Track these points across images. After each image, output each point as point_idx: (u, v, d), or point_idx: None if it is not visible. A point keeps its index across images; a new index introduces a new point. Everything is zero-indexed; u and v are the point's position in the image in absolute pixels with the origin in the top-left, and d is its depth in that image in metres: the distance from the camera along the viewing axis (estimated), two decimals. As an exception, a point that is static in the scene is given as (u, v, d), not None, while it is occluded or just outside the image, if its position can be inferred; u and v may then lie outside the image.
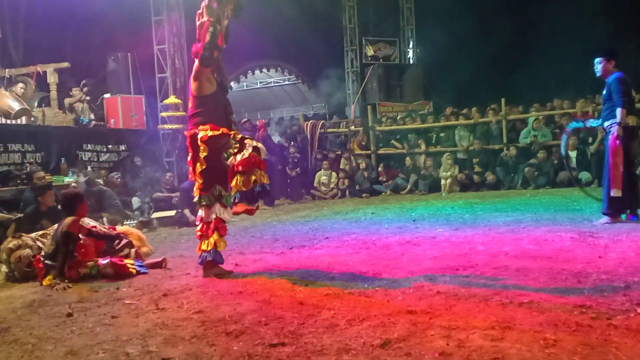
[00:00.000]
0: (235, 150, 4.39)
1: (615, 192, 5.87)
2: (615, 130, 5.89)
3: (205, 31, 4.39)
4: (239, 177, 4.36)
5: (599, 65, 6.08)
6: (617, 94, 5.86)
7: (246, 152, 4.35)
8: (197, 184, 4.62)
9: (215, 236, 4.55)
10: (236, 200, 4.41)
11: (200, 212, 4.67)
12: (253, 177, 4.35)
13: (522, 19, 16.85)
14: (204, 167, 4.50)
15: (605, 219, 6.01)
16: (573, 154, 10.39)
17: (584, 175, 10.14)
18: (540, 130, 11.32)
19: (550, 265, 4.18)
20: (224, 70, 4.77)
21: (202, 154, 4.45)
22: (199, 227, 4.68)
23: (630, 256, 4.32)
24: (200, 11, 4.51)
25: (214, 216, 4.57)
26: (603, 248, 4.69)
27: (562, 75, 15.09)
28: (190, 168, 4.68)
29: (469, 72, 16.16)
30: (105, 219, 7.53)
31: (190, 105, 4.71)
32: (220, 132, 4.46)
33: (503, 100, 11.89)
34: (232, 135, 4.48)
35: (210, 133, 4.44)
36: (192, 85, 4.60)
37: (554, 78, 15.02)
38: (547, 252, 4.70)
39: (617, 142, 5.87)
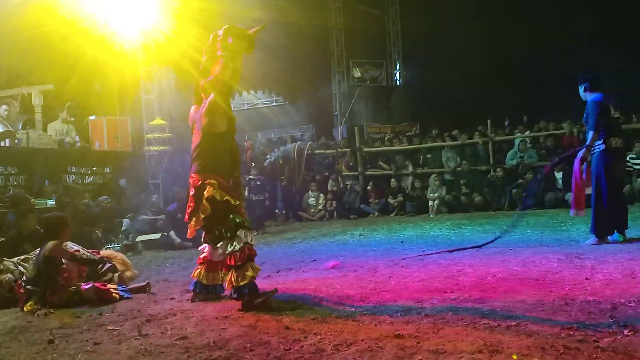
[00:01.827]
0: (229, 235, 4.20)
1: (574, 213, 6.08)
2: (581, 153, 6.00)
3: (222, 66, 4.28)
4: (233, 272, 4.15)
5: (580, 90, 6.22)
6: (591, 117, 5.95)
7: (238, 244, 4.16)
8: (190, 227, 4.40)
9: (251, 266, 4.21)
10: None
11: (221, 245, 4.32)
12: (249, 273, 4.15)
13: (508, 42, 17.10)
14: (199, 225, 4.32)
15: (592, 239, 6.03)
16: (559, 175, 10.47)
17: (569, 196, 10.18)
18: (526, 152, 11.42)
19: (538, 287, 4.17)
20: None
21: (203, 214, 4.23)
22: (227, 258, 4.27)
23: (616, 277, 4.32)
24: (210, 44, 4.42)
25: (238, 246, 4.17)
26: (590, 269, 4.69)
27: (547, 97, 15.31)
28: (188, 216, 4.38)
29: (456, 93, 16.35)
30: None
31: (196, 140, 4.41)
32: (225, 199, 4.22)
33: (489, 121, 12.00)
34: (232, 214, 4.23)
35: (217, 196, 4.19)
36: (203, 120, 4.32)
37: (539, 99, 15.22)
38: (534, 273, 4.68)
39: (583, 165, 6.00)
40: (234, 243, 4.18)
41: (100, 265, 5.41)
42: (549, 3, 15.72)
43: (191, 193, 4.31)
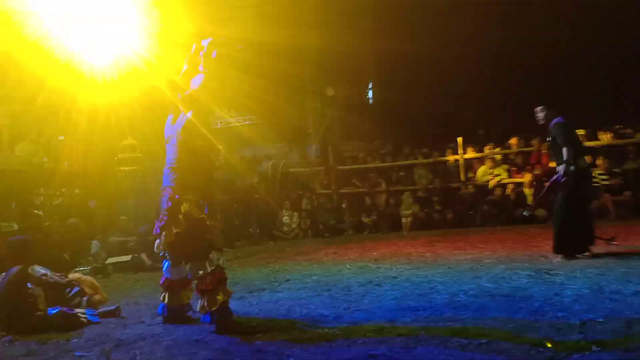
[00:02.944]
0: (199, 256, 4.12)
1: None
2: (561, 169, 6.12)
3: (201, 84, 4.23)
4: (206, 296, 4.08)
5: (540, 114, 6.45)
6: (561, 137, 6.11)
7: (209, 267, 4.10)
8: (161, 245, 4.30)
9: (222, 291, 4.14)
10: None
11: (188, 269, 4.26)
12: (220, 297, 4.08)
13: (479, 61, 17.46)
14: (170, 240, 4.20)
15: (559, 256, 6.12)
16: (529, 192, 10.65)
17: (540, 212, 10.36)
18: (497, 169, 11.60)
19: (509, 304, 4.21)
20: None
21: (177, 228, 4.14)
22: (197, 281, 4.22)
23: (585, 293, 4.39)
24: (192, 53, 4.35)
25: (209, 269, 4.11)
26: (559, 285, 4.76)
27: (518, 114, 15.63)
28: (161, 229, 4.29)
29: (428, 111, 16.56)
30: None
31: (172, 154, 4.30)
32: (201, 217, 4.15)
33: (460, 139, 12.17)
34: (206, 234, 4.16)
35: (194, 213, 4.12)
36: (179, 137, 4.24)
37: (509, 117, 15.51)
38: (505, 290, 4.74)
39: (561, 179, 6.13)
40: (205, 265, 4.12)
41: (68, 289, 5.28)
42: (517, 22, 16.10)
43: (167, 206, 4.17)
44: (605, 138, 11.08)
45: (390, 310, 4.35)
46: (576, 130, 6.45)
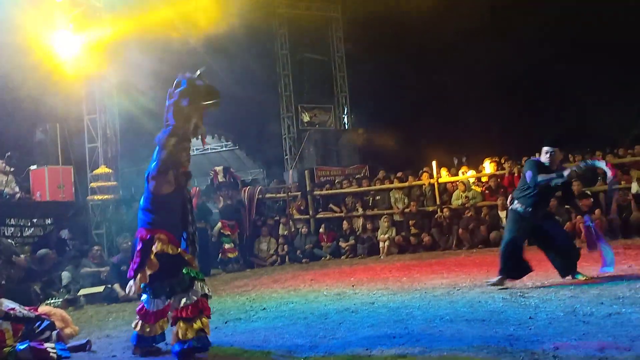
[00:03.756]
0: (182, 288, 4.09)
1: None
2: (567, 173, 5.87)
3: (167, 136, 4.12)
4: (181, 324, 4.02)
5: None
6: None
7: (193, 297, 4.07)
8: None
9: (201, 320, 4.07)
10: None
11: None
12: (197, 325, 4.02)
13: (449, 83, 17.81)
14: (144, 281, 4.15)
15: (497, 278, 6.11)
16: (503, 214, 10.75)
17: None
18: (470, 192, 11.73)
19: (484, 328, 4.22)
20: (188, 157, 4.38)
21: (149, 270, 4.09)
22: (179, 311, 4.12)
23: (559, 316, 4.43)
24: (172, 90, 4.20)
25: (194, 298, 4.07)
26: (534, 308, 4.79)
27: (489, 138, 15.94)
28: (132, 272, 4.24)
29: (402, 136, 16.76)
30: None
31: (145, 195, 4.29)
32: (177, 252, 4.13)
33: (434, 162, 12.30)
34: (185, 267, 4.13)
35: (169, 250, 4.09)
36: (150, 183, 4.20)
37: (482, 141, 15.78)
38: (480, 314, 4.75)
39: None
40: (190, 295, 4.07)
41: (38, 322, 5.14)
42: (491, 44, 16.49)
43: (138, 247, 4.16)
44: (575, 160, 11.31)
45: (367, 337, 4.32)
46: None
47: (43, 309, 5.77)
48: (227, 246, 11.40)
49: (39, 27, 11.28)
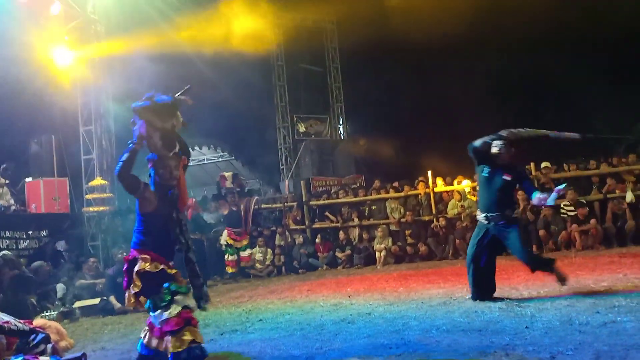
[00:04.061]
0: (164, 304, 4.07)
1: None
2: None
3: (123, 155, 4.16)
4: (170, 338, 4.01)
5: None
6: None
7: (174, 310, 4.05)
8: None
9: (190, 330, 4.07)
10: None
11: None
12: (186, 337, 4.02)
13: (448, 95, 17.90)
14: (131, 301, 4.16)
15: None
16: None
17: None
18: (466, 201, 11.75)
19: (480, 338, 4.22)
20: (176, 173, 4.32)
21: (134, 289, 4.11)
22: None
23: (555, 325, 4.43)
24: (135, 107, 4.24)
25: (175, 311, 4.05)
26: (530, 318, 4.79)
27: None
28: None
29: (398, 146, 16.82)
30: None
31: (136, 212, 4.33)
32: (160, 269, 4.12)
33: (430, 172, 12.33)
34: (167, 282, 4.12)
35: (151, 268, 4.09)
36: (138, 201, 4.25)
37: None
38: (477, 324, 4.75)
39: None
40: (170, 309, 4.06)
41: (33, 336, 5.11)
42: (487, 52, 16.62)
43: (124, 268, 4.25)
44: (570, 170, 11.37)
45: (363, 348, 4.32)
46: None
47: (38, 321, 5.75)
48: (230, 258, 11.12)
49: (35, 39, 11.33)
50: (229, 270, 11.17)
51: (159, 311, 4.11)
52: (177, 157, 4.29)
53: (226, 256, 11.17)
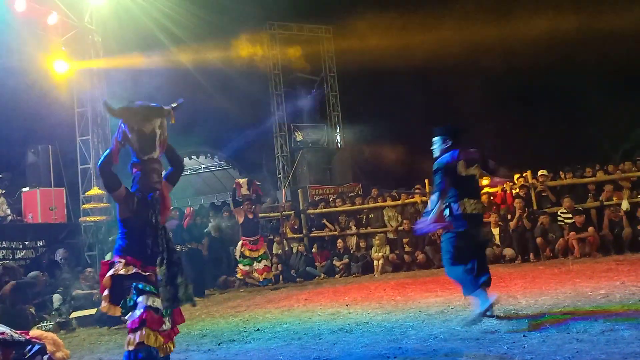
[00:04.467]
0: (131, 304, 4.00)
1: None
2: (431, 220, 5.33)
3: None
4: (128, 335, 3.97)
5: (438, 145, 5.55)
6: (435, 179, 5.38)
7: (138, 310, 3.97)
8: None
9: (144, 331, 3.94)
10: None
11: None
12: (138, 338, 3.92)
13: (444, 103, 17.97)
14: (105, 305, 4.09)
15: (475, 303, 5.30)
16: (496, 231, 10.80)
17: (508, 252, 10.50)
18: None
19: (478, 347, 4.21)
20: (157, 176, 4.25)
21: (104, 292, 4.08)
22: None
23: (552, 333, 4.43)
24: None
25: (138, 312, 3.96)
26: (527, 326, 4.79)
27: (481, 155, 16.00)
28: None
29: (394, 154, 16.85)
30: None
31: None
32: (132, 272, 4.05)
33: (427, 180, 12.34)
34: (136, 282, 4.05)
35: (121, 271, 4.05)
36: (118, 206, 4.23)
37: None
38: (474, 333, 4.74)
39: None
40: (135, 310, 4.00)
41: (29, 347, 5.06)
42: (483, 60, 16.71)
43: (100, 272, 4.27)
44: (566, 177, 11.40)
45: (361, 357, 4.31)
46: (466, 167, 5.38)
47: (34, 332, 5.70)
48: (244, 268, 10.59)
49: (32, 49, 11.37)
50: (239, 275, 10.83)
51: (129, 313, 4.04)
52: (158, 163, 4.22)
53: (240, 265, 10.72)
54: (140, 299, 4.01)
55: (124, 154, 4.20)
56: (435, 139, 5.53)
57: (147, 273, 4.14)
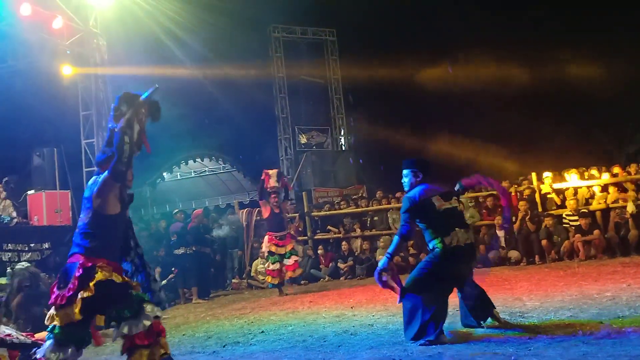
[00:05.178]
0: (132, 313, 3.77)
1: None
2: (383, 264, 4.85)
3: (119, 139, 3.75)
4: (142, 352, 3.77)
5: (408, 179, 5.16)
6: (401, 217, 4.96)
7: (147, 322, 3.77)
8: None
9: (161, 342, 3.84)
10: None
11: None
12: (161, 351, 3.81)
13: (450, 105, 17.97)
14: (77, 309, 3.67)
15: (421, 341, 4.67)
16: (501, 234, 10.76)
17: (513, 254, 10.47)
18: (468, 211, 11.72)
19: (483, 349, 4.20)
20: (130, 179, 4.06)
21: (85, 294, 3.65)
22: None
23: (558, 335, 4.41)
24: (110, 114, 3.95)
25: (148, 323, 3.76)
26: (533, 329, 4.77)
27: (486, 158, 16.03)
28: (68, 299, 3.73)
29: (399, 156, 16.83)
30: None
31: (85, 218, 3.95)
32: (122, 281, 3.81)
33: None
34: (131, 292, 3.85)
35: (115, 279, 3.76)
36: (95, 202, 3.87)
37: (478, 161, 15.88)
38: (480, 335, 4.73)
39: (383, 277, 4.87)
40: (142, 320, 3.79)
41: (35, 349, 5.08)
42: (488, 60, 16.70)
43: (77, 274, 3.73)
44: (571, 179, 11.36)
45: (366, 360, 4.30)
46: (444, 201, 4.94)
47: (40, 334, 5.72)
48: (271, 267, 9.87)
49: (37, 53, 11.42)
50: (270, 280, 10.01)
51: (124, 323, 3.80)
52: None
53: (266, 264, 10.10)
54: (148, 308, 3.82)
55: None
56: (405, 172, 5.13)
57: (134, 283, 3.95)
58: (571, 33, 16.47)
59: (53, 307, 3.77)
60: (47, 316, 3.84)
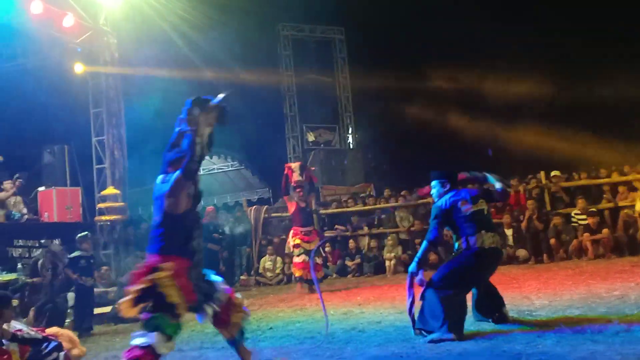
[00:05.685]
0: (143, 326, 3.82)
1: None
2: (416, 269, 5.09)
3: (190, 141, 3.89)
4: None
5: (436, 190, 5.28)
6: (431, 222, 5.15)
7: (143, 340, 3.77)
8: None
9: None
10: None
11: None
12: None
13: (453, 106, 17.89)
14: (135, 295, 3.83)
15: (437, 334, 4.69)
16: (509, 232, 10.75)
17: (521, 253, 10.45)
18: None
19: (491, 347, 4.21)
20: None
21: (140, 285, 3.82)
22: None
23: (567, 334, 4.41)
24: (182, 117, 4.05)
25: (142, 342, 3.76)
26: (541, 326, 4.77)
27: (494, 156, 15.97)
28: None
29: (407, 154, 16.83)
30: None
31: (157, 219, 4.06)
32: (165, 292, 3.82)
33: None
34: (160, 312, 3.85)
35: (163, 288, 3.82)
36: (166, 202, 3.97)
37: (486, 159, 15.81)
38: (488, 332, 4.73)
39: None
40: (141, 338, 3.81)
41: (45, 344, 5.14)
42: (489, 64, 16.64)
43: (144, 270, 3.92)
44: (580, 178, 11.33)
45: (374, 357, 4.33)
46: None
47: (50, 330, 5.79)
48: (298, 259, 9.59)
49: (48, 51, 11.51)
50: (297, 273, 9.69)
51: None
52: None
53: (294, 258, 9.82)
54: (152, 336, 3.80)
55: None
56: (433, 183, 5.29)
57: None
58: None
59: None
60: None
